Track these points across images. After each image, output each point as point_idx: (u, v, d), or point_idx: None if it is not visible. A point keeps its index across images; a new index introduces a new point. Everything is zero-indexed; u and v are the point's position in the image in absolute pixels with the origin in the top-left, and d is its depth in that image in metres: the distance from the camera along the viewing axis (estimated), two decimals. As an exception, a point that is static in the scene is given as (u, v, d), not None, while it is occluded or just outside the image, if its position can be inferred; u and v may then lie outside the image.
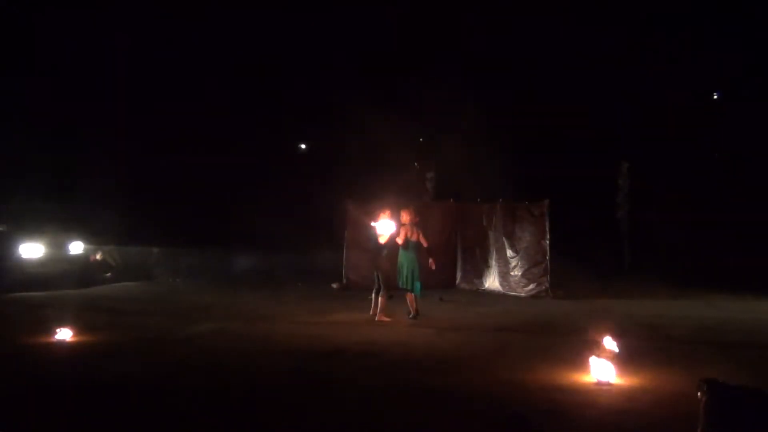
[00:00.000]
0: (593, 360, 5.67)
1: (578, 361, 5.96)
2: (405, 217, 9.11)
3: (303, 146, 21.42)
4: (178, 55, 18.06)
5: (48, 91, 17.17)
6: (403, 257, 9.13)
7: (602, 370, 5.57)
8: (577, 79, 17.38)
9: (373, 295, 9.14)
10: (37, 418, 4.66)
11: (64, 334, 7.30)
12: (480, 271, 13.27)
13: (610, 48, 16.85)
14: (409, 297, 9.13)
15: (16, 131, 17.11)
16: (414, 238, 9.08)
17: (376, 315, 8.98)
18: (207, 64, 18.60)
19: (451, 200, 13.79)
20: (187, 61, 18.30)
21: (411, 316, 9.09)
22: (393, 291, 9.24)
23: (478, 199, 13.79)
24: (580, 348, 6.26)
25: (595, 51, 17.00)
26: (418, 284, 9.09)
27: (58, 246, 13.14)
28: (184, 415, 4.75)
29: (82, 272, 13.41)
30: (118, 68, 17.85)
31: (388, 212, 9.13)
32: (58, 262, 13.02)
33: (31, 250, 12.65)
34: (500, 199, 13.08)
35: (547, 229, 12.08)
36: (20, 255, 12.50)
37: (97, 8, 17.90)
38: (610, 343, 5.95)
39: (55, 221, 13.49)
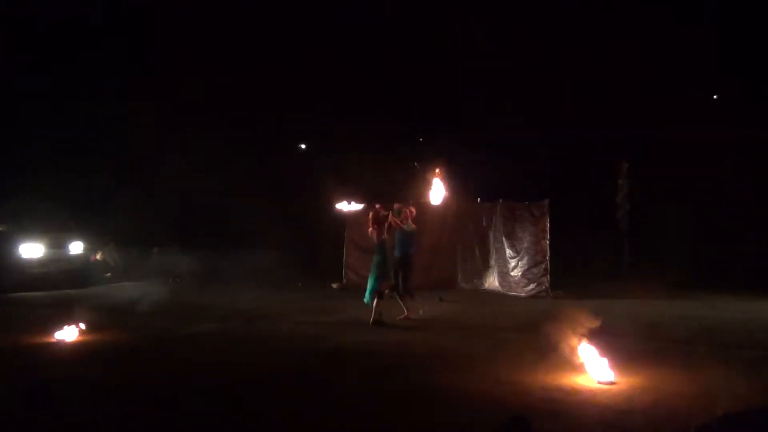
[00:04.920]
0: (588, 359, 5.67)
1: (578, 361, 5.95)
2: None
3: (303, 146, 21.41)
4: (177, 54, 18.06)
5: (48, 91, 17.17)
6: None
7: (601, 370, 5.58)
8: (577, 78, 17.38)
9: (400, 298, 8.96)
10: (37, 418, 4.66)
11: (64, 334, 7.30)
12: (480, 271, 13.27)
13: (610, 48, 16.84)
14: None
15: (17, 131, 17.13)
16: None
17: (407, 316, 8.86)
18: (207, 64, 18.59)
19: (452, 200, 13.76)
20: (187, 60, 18.30)
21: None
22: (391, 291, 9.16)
23: (478, 199, 13.78)
24: (579, 348, 6.25)
25: (595, 51, 17.00)
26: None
27: (58, 246, 13.13)
28: (183, 414, 4.75)
29: (82, 272, 13.40)
30: (117, 68, 17.85)
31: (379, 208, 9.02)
32: (58, 262, 13.01)
33: (31, 250, 12.64)
34: (500, 199, 13.07)
35: (547, 229, 12.08)
36: (20, 255, 12.49)
37: (95, 8, 17.92)
38: (589, 346, 5.92)
39: (55, 221, 13.48)
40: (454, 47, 17.37)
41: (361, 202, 9.60)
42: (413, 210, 9.18)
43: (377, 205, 9.08)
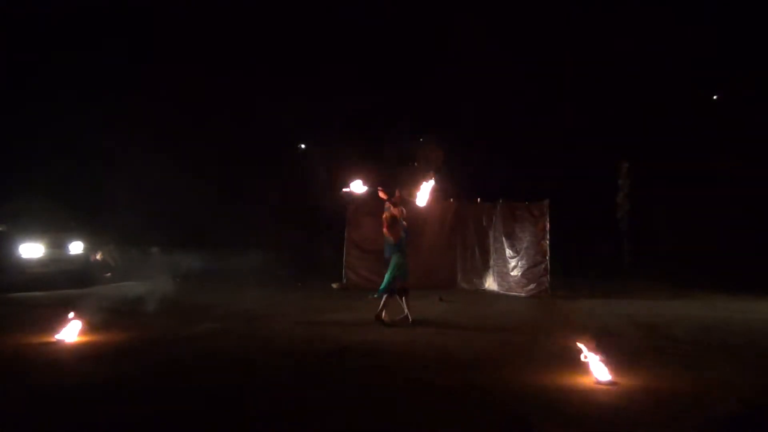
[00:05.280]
0: (589, 360, 5.68)
1: (578, 361, 5.96)
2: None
3: (303, 146, 21.41)
4: (176, 54, 18.05)
5: (47, 90, 17.17)
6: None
7: (601, 370, 5.58)
8: (577, 78, 17.39)
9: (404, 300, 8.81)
10: (36, 418, 4.66)
11: (64, 334, 7.30)
12: (480, 271, 13.28)
13: (610, 48, 16.84)
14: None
15: (17, 131, 17.12)
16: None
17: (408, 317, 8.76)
18: (206, 64, 18.59)
19: (451, 200, 13.80)
20: (186, 60, 18.29)
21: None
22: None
23: (478, 199, 13.79)
24: (579, 348, 6.26)
25: (595, 51, 17.00)
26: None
27: (58, 246, 13.12)
28: (183, 415, 4.75)
29: (82, 272, 13.40)
30: (116, 67, 17.85)
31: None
32: (58, 262, 13.00)
33: (31, 250, 12.64)
34: (500, 199, 13.09)
35: (547, 229, 12.09)
36: (20, 255, 12.49)
37: (95, 5, 17.92)
38: (589, 346, 5.92)
39: (55, 221, 13.48)
40: (454, 47, 17.38)
41: (364, 185, 9.45)
42: (400, 209, 9.06)
43: (379, 189, 9.06)
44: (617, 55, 16.91)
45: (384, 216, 8.86)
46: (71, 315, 7.50)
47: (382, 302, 8.64)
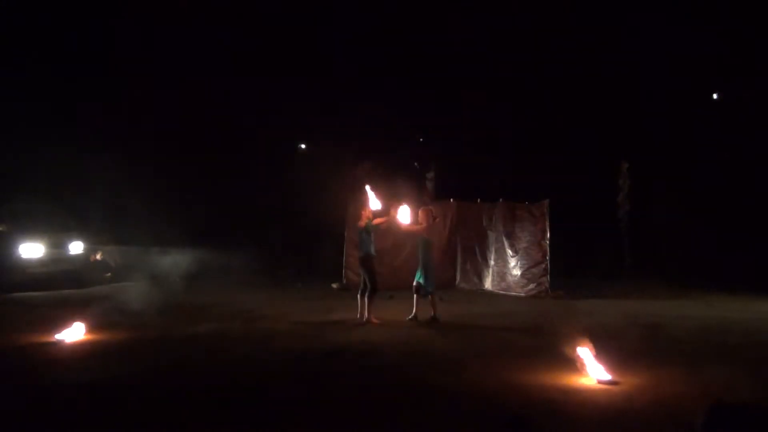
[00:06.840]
0: (587, 359, 5.68)
1: (578, 361, 5.95)
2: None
3: (303, 146, 21.40)
4: (177, 54, 18.04)
5: (47, 90, 17.15)
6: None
7: (602, 370, 5.58)
8: (577, 78, 17.38)
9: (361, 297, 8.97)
10: (36, 418, 4.66)
11: (64, 334, 7.30)
12: (480, 271, 13.28)
13: (610, 47, 16.84)
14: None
15: (17, 130, 17.12)
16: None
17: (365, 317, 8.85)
18: (206, 64, 18.58)
19: (451, 200, 13.80)
20: (187, 60, 18.29)
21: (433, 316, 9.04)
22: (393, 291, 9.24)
23: (478, 199, 13.80)
24: (579, 348, 6.26)
25: (595, 50, 17.00)
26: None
27: (58, 246, 13.12)
28: (183, 415, 4.75)
29: (82, 272, 13.40)
30: (117, 67, 17.83)
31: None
32: (58, 262, 13.00)
33: (31, 250, 12.64)
34: (500, 199, 13.10)
35: (547, 229, 12.10)
36: (20, 255, 12.49)
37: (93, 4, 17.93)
38: (589, 346, 5.93)
39: (55, 221, 13.48)
40: (453, 46, 17.38)
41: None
42: (370, 210, 9.09)
43: (429, 207, 9.51)
44: (617, 55, 16.91)
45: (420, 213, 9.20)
46: (72, 316, 7.50)
47: (431, 303, 8.96)
